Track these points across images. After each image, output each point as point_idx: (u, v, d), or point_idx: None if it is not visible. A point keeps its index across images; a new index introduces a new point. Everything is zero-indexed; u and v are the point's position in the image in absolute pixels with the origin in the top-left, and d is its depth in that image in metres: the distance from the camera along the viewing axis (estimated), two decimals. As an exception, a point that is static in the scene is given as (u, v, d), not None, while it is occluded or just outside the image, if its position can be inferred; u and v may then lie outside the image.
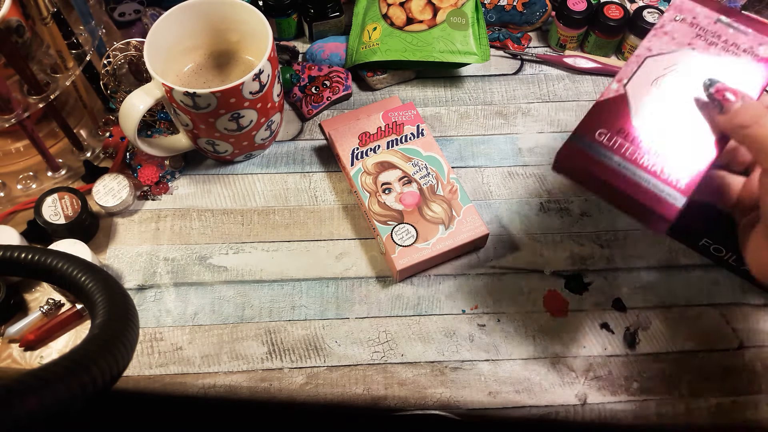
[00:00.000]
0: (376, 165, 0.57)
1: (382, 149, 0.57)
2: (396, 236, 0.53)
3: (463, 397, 0.50)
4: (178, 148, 0.59)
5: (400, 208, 0.54)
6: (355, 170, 0.56)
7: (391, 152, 0.57)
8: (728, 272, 0.55)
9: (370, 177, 0.56)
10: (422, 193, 0.55)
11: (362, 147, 0.57)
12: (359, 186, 0.56)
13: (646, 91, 0.41)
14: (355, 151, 0.57)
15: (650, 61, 0.42)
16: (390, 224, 0.54)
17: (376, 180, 0.56)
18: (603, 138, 0.40)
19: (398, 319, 0.53)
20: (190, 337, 0.52)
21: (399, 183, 0.56)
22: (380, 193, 0.55)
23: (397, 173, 0.56)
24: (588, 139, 0.40)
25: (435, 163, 0.57)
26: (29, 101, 0.54)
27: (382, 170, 0.56)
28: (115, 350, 0.27)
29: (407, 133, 0.58)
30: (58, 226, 0.54)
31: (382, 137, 0.58)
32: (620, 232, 0.57)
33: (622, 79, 0.41)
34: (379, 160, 0.57)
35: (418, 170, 0.56)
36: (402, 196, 0.55)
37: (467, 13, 0.65)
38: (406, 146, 0.58)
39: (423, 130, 0.58)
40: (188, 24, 0.56)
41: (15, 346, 0.52)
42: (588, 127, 0.40)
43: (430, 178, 0.56)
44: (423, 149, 0.57)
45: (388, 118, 0.59)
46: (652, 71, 0.41)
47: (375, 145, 0.58)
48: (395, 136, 0.58)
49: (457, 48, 0.63)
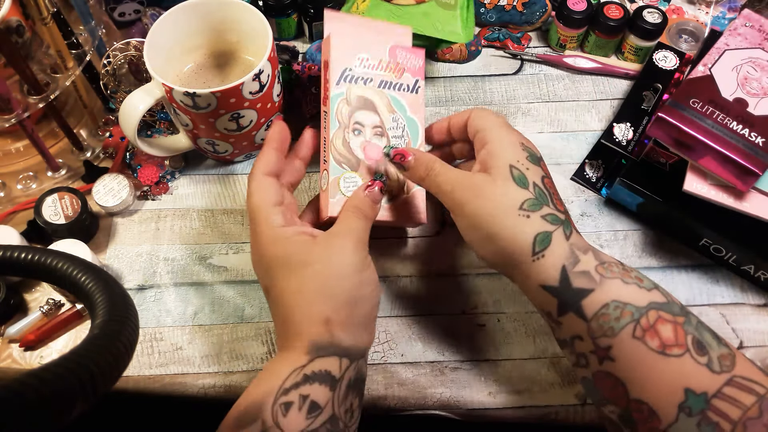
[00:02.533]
0: (360, 98, 0.50)
1: (374, 85, 0.50)
2: (343, 183, 0.48)
3: (463, 397, 0.50)
4: (178, 148, 0.59)
5: (360, 157, 0.49)
6: (338, 92, 0.49)
7: (379, 92, 0.50)
8: (728, 272, 0.55)
9: (347, 108, 0.49)
10: None
11: (356, 70, 0.50)
12: (333, 112, 0.49)
13: (728, 74, 0.53)
14: (347, 72, 0.50)
15: (729, 53, 0.55)
16: (344, 168, 0.48)
17: (352, 115, 0.49)
18: (696, 105, 0.51)
19: (398, 319, 0.53)
20: (190, 337, 0.52)
21: (371, 130, 0.50)
22: (350, 130, 0.49)
23: (375, 119, 0.50)
24: (684, 105, 0.51)
25: (413, 129, 0.51)
26: (29, 101, 0.54)
27: (362, 108, 0.50)
28: (115, 350, 0.27)
29: (404, 82, 0.51)
30: (58, 226, 0.54)
31: (379, 71, 0.51)
32: (620, 232, 0.57)
33: (707, 64, 0.54)
34: (364, 94, 0.50)
35: (395, 127, 0.50)
36: (367, 146, 0.49)
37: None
38: (396, 95, 0.51)
39: (419, 88, 0.52)
40: (188, 24, 0.56)
41: (15, 346, 0.52)
42: (683, 96, 0.52)
43: (401, 143, 0.50)
44: (410, 108, 0.51)
45: (394, 56, 0.51)
46: (731, 61, 0.54)
47: (369, 76, 0.50)
48: (392, 78, 0.51)
49: (443, 27, 0.61)
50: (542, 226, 0.39)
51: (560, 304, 0.39)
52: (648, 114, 0.61)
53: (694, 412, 0.35)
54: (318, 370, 0.38)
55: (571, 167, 0.61)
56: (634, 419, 0.37)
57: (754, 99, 0.52)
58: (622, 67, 0.67)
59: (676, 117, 0.51)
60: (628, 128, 0.60)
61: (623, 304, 0.37)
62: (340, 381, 0.38)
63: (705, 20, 0.71)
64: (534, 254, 0.39)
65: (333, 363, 0.39)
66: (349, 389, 0.39)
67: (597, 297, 0.38)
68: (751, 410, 0.34)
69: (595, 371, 0.39)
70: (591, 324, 0.38)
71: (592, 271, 0.39)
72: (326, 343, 0.39)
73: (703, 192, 0.50)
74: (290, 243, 0.42)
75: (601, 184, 0.60)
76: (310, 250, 0.41)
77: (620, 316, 0.37)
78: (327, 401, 0.37)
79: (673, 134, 0.51)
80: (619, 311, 0.37)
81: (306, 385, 0.37)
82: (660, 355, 0.36)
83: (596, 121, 0.64)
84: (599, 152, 0.61)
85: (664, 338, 0.36)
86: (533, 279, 0.39)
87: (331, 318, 0.39)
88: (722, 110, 0.51)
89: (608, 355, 0.37)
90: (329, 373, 0.38)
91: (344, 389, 0.39)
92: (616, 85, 0.67)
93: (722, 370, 0.36)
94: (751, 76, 0.53)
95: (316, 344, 0.39)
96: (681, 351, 0.36)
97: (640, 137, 0.60)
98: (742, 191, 0.50)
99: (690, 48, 0.68)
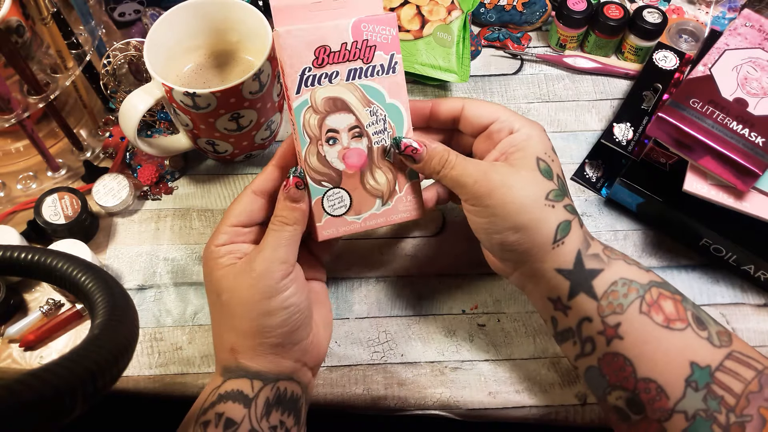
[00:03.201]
0: (328, 101, 0.42)
1: (341, 79, 0.42)
2: (327, 202, 0.43)
3: (463, 397, 0.50)
4: (178, 148, 0.59)
5: (340, 168, 0.43)
6: (300, 101, 0.42)
7: (350, 86, 0.43)
8: (728, 272, 0.55)
9: (316, 117, 0.42)
10: (370, 154, 0.44)
11: (316, 69, 0.42)
12: (300, 125, 0.42)
13: (728, 74, 0.53)
14: (306, 73, 0.42)
15: (729, 53, 0.55)
16: (324, 185, 0.43)
17: (323, 123, 0.42)
18: (696, 105, 0.51)
19: (398, 319, 0.53)
20: (190, 337, 0.52)
21: (348, 134, 0.43)
22: (323, 142, 0.43)
23: (350, 120, 0.43)
24: (684, 105, 0.51)
25: (396, 117, 0.44)
26: (29, 101, 0.54)
27: (333, 111, 0.43)
28: (115, 350, 0.27)
29: (377, 63, 0.43)
30: (58, 226, 0.54)
31: (344, 60, 0.42)
32: (620, 232, 0.57)
33: (707, 64, 0.54)
34: (333, 95, 0.42)
35: (374, 121, 0.43)
36: (347, 154, 0.43)
37: (454, 31, 0.65)
38: (369, 82, 0.43)
39: (396, 65, 0.43)
40: (188, 24, 0.56)
41: (15, 346, 0.52)
42: (683, 96, 0.52)
43: (385, 137, 0.44)
44: (388, 93, 0.44)
45: (360, 32, 0.42)
46: (731, 61, 0.54)
47: (333, 70, 0.42)
48: (361, 64, 0.43)
49: (439, 64, 0.63)
50: (564, 215, 0.40)
51: (572, 285, 0.40)
52: (648, 114, 0.61)
53: (700, 386, 0.36)
54: (230, 389, 0.39)
55: (571, 167, 0.61)
56: (642, 401, 0.38)
57: (754, 99, 0.52)
58: (622, 67, 0.67)
59: (676, 117, 0.51)
60: (628, 128, 0.60)
61: (629, 281, 0.39)
62: (254, 399, 0.39)
63: (705, 20, 0.71)
64: (555, 242, 0.40)
65: (244, 383, 0.40)
66: (271, 407, 0.40)
67: (606, 276, 0.39)
68: (751, 384, 0.36)
69: (602, 354, 0.39)
70: (601, 302, 0.39)
71: (601, 254, 0.41)
72: (234, 367, 0.40)
73: (703, 192, 0.51)
74: (216, 266, 0.42)
75: (601, 184, 0.60)
76: (224, 276, 0.41)
77: (627, 293, 0.38)
78: (242, 417, 0.38)
79: (673, 134, 0.51)
80: (626, 288, 0.39)
81: (221, 404, 0.39)
82: (665, 329, 0.37)
83: (596, 121, 0.64)
84: (599, 152, 0.61)
85: (667, 313, 0.38)
86: (549, 264, 0.40)
87: (235, 348, 0.40)
88: (722, 110, 0.51)
89: (617, 333, 0.38)
90: (241, 392, 0.39)
91: (261, 407, 0.39)
92: (616, 85, 0.67)
93: (722, 344, 0.37)
94: (751, 76, 0.53)
95: (227, 368, 0.41)
96: (684, 325, 0.38)
97: (640, 137, 0.60)
98: (742, 191, 0.50)
99: (690, 48, 0.68)
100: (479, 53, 0.70)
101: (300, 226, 0.41)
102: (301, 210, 0.41)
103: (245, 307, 0.40)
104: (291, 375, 0.41)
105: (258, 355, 0.40)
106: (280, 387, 0.40)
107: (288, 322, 0.40)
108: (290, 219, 0.41)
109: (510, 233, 0.40)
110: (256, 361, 0.40)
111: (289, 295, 0.40)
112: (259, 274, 0.39)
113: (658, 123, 0.52)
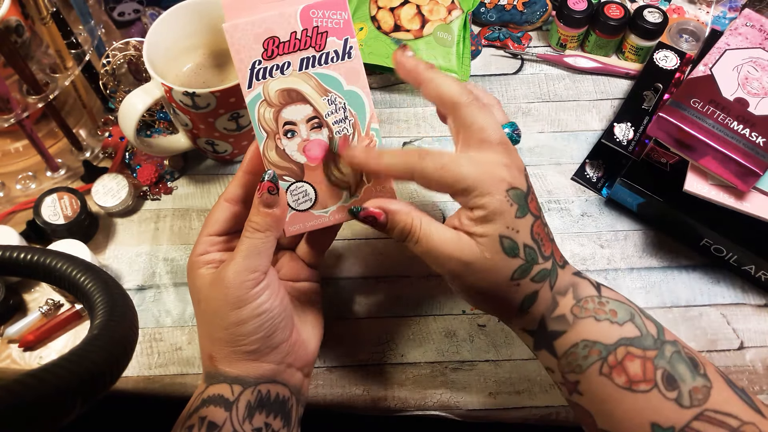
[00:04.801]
0: (282, 93, 0.41)
1: (293, 69, 0.41)
2: (291, 197, 0.42)
3: (463, 398, 0.50)
4: (178, 148, 0.59)
5: (302, 161, 0.42)
6: (253, 95, 0.41)
7: (303, 76, 0.41)
8: (729, 272, 0.55)
9: (271, 110, 0.41)
10: (331, 143, 0.42)
11: (267, 61, 0.41)
12: (255, 120, 0.41)
13: (728, 74, 0.53)
14: (257, 66, 0.41)
15: (730, 53, 0.55)
16: (287, 180, 0.42)
17: (278, 116, 0.41)
18: (697, 105, 0.51)
19: (398, 319, 0.53)
20: (190, 338, 0.52)
21: (306, 126, 0.42)
22: (281, 135, 0.41)
23: (307, 111, 0.41)
24: (684, 104, 0.51)
25: (356, 103, 0.42)
26: (28, 101, 0.53)
27: (289, 102, 0.41)
28: (114, 351, 0.27)
29: (330, 50, 0.41)
30: (58, 227, 0.54)
31: (295, 49, 0.41)
32: (620, 232, 0.57)
33: (708, 64, 0.54)
34: (286, 86, 0.41)
35: (333, 110, 0.42)
36: (307, 146, 0.42)
37: (454, 31, 0.65)
38: (324, 71, 0.41)
39: (351, 49, 0.42)
40: (188, 24, 0.55)
41: (14, 347, 0.52)
42: (683, 96, 0.52)
43: (346, 125, 0.42)
44: (346, 80, 0.42)
45: (309, 19, 0.41)
46: (732, 61, 0.54)
47: (284, 61, 0.41)
48: (313, 52, 0.41)
49: (440, 63, 0.63)
50: (530, 288, 0.39)
51: (536, 342, 0.40)
52: (649, 114, 0.61)
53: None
54: (212, 394, 0.40)
55: (572, 167, 0.61)
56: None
57: (754, 99, 0.52)
58: (622, 66, 0.67)
59: (677, 117, 0.51)
60: (628, 128, 0.60)
61: (592, 343, 0.38)
62: (235, 403, 0.39)
63: (706, 20, 0.71)
64: (520, 312, 0.40)
65: (224, 388, 0.40)
66: (254, 410, 0.40)
67: (568, 338, 0.39)
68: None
69: (567, 398, 0.40)
70: (561, 361, 0.39)
71: (567, 314, 0.39)
72: (214, 373, 0.41)
73: (704, 192, 0.50)
74: (196, 276, 0.42)
75: (602, 184, 0.60)
76: (202, 285, 0.41)
77: (588, 355, 0.38)
78: (224, 420, 0.39)
79: (674, 134, 0.51)
80: (587, 350, 0.38)
81: (203, 408, 0.39)
82: (626, 390, 0.37)
83: (597, 120, 0.64)
84: (600, 152, 0.61)
85: (631, 374, 0.37)
86: (514, 324, 0.41)
87: (213, 355, 0.41)
88: (723, 110, 0.51)
89: (576, 389, 0.38)
90: (222, 396, 0.40)
91: (243, 410, 0.39)
92: (617, 85, 0.67)
93: (692, 404, 0.36)
94: (751, 76, 0.53)
95: (208, 374, 0.41)
96: (648, 386, 0.36)
97: (640, 137, 0.60)
98: (743, 191, 0.50)
99: (690, 48, 0.68)
100: (479, 53, 0.70)
101: (273, 232, 0.40)
102: (273, 216, 0.40)
103: (217, 317, 0.40)
104: (273, 378, 0.41)
105: (234, 361, 0.40)
106: (261, 390, 0.40)
107: (262, 329, 0.40)
108: (262, 225, 0.40)
109: (478, 303, 0.41)
110: (233, 366, 0.40)
111: (261, 302, 0.40)
112: (228, 285, 0.39)
113: (658, 123, 0.52)
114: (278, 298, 0.41)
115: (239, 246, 0.40)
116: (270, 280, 0.41)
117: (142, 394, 0.51)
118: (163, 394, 0.51)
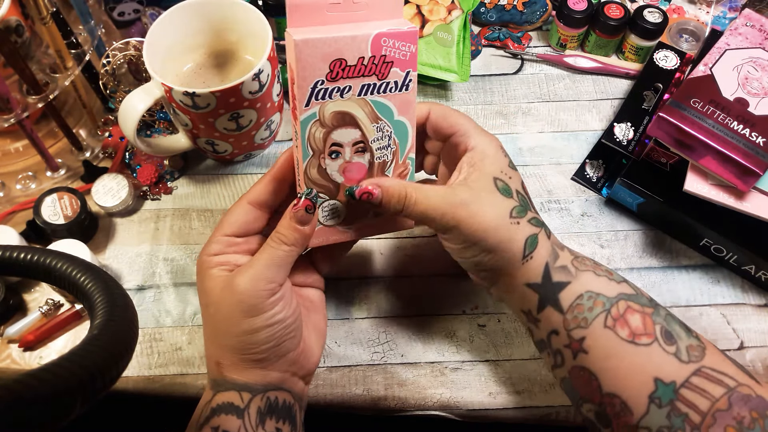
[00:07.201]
0: (336, 115, 0.40)
1: (353, 94, 0.40)
2: (321, 212, 0.43)
3: (463, 398, 0.50)
4: (178, 148, 0.58)
5: (339, 181, 0.42)
6: (308, 114, 0.40)
7: (360, 101, 0.40)
8: (729, 272, 0.55)
9: (322, 131, 0.40)
10: (370, 168, 0.43)
11: (329, 83, 0.39)
12: (304, 138, 0.40)
13: (729, 74, 0.53)
14: (318, 86, 0.39)
15: (730, 53, 0.55)
16: (321, 197, 0.42)
17: (328, 137, 0.41)
18: (697, 105, 0.51)
19: (398, 319, 0.53)
20: (190, 338, 0.52)
21: (351, 149, 0.42)
22: (326, 156, 0.41)
23: (355, 135, 0.41)
24: (684, 104, 0.51)
25: (401, 133, 0.43)
26: (28, 101, 0.53)
27: (341, 125, 0.41)
28: (114, 350, 0.27)
29: (391, 80, 0.41)
30: (58, 226, 0.54)
31: (359, 75, 0.40)
32: (620, 232, 0.57)
33: (708, 64, 0.54)
34: (342, 109, 0.40)
35: (379, 137, 0.42)
36: (347, 167, 0.42)
37: (454, 31, 0.65)
38: (380, 98, 0.41)
39: (410, 82, 0.41)
40: (188, 24, 0.55)
41: (14, 347, 0.51)
42: (683, 96, 0.52)
43: (387, 153, 0.43)
44: (398, 110, 0.42)
45: (379, 47, 0.39)
46: (732, 61, 0.54)
47: (346, 85, 0.40)
48: (375, 80, 0.40)
49: (439, 63, 0.63)
50: (530, 229, 0.40)
51: (540, 299, 0.40)
52: (649, 114, 0.61)
53: (663, 402, 0.35)
54: (222, 402, 0.39)
55: (572, 167, 0.61)
56: (608, 415, 0.38)
57: (754, 99, 0.52)
58: (622, 66, 0.67)
59: (677, 117, 0.51)
60: (628, 128, 0.60)
61: (596, 294, 0.39)
62: (246, 409, 0.39)
63: (706, 20, 0.71)
64: (524, 257, 0.40)
65: (233, 396, 0.40)
66: (264, 416, 0.40)
67: (573, 288, 0.39)
68: (719, 402, 0.35)
69: (571, 367, 0.39)
70: (567, 316, 0.39)
71: (569, 265, 0.40)
72: (221, 381, 0.40)
73: (704, 192, 0.50)
74: (207, 277, 0.41)
75: (602, 184, 0.60)
76: (212, 288, 0.41)
77: (593, 306, 0.38)
78: (238, 427, 0.38)
79: (674, 134, 0.51)
80: (591, 301, 0.38)
81: (215, 418, 0.39)
82: (630, 344, 0.37)
83: (597, 120, 0.64)
84: (600, 152, 0.61)
85: (633, 327, 0.37)
86: (519, 279, 0.40)
87: (221, 362, 0.40)
88: (723, 110, 0.51)
89: (582, 347, 0.38)
90: (232, 403, 0.39)
91: (254, 416, 0.39)
92: (617, 85, 0.67)
93: (690, 360, 0.36)
94: (751, 76, 0.53)
95: (215, 382, 0.41)
96: (649, 340, 0.37)
97: (640, 137, 0.60)
98: (743, 191, 0.50)
99: (691, 48, 0.68)
100: (479, 53, 0.70)
101: (298, 248, 0.40)
102: (303, 233, 0.40)
103: (228, 324, 0.39)
104: (280, 385, 0.41)
105: (243, 369, 0.40)
106: (270, 396, 0.40)
107: (273, 338, 0.40)
108: (290, 239, 0.40)
109: (483, 255, 0.40)
110: (242, 374, 0.40)
111: (275, 312, 0.39)
112: (243, 292, 0.39)
113: (658, 123, 0.52)
114: (291, 308, 0.41)
115: (261, 254, 0.40)
116: (285, 290, 0.40)
117: (142, 394, 0.51)
118: (163, 394, 0.51)
